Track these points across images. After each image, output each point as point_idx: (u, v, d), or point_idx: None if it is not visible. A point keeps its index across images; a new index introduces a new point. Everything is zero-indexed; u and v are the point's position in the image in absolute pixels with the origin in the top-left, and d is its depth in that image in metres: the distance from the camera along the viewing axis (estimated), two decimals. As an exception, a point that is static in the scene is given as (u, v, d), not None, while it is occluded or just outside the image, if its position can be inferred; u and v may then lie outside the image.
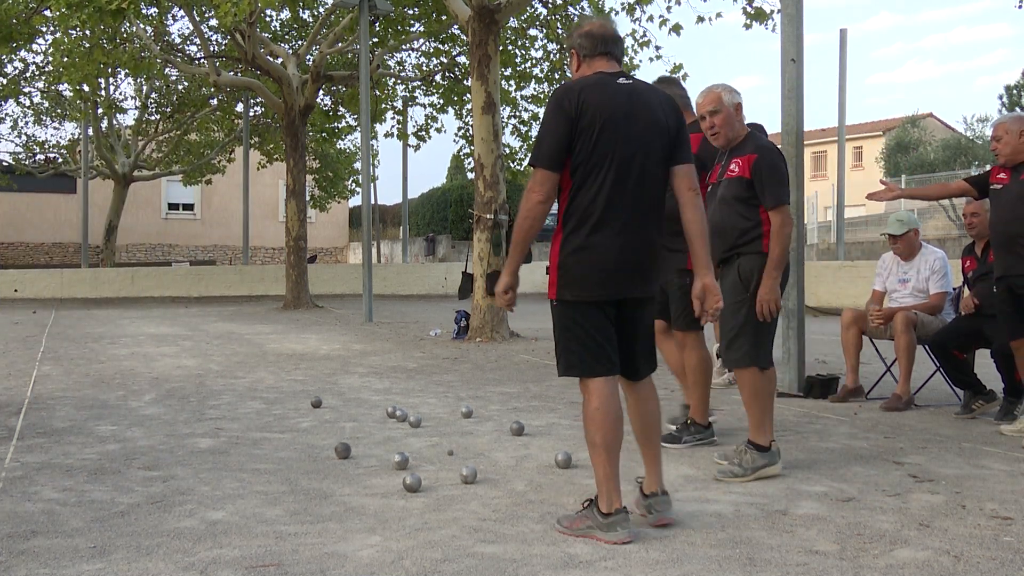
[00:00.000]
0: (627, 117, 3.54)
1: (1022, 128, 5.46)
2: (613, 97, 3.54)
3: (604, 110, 3.50)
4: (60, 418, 6.21)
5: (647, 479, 3.66)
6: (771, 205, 4.55)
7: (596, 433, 3.50)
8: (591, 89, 3.54)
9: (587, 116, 3.48)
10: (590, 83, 3.57)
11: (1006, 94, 38.41)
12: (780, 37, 7.39)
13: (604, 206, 3.50)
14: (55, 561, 3.26)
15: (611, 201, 3.50)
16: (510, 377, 8.32)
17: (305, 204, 20.00)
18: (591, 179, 3.50)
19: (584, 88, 3.54)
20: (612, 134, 3.50)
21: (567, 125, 3.49)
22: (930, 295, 6.66)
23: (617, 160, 3.50)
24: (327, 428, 5.81)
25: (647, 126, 3.57)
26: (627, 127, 3.53)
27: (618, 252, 3.51)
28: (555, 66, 18.68)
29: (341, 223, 42.39)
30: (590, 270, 3.51)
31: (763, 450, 4.46)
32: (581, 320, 3.54)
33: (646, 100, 3.61)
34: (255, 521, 3.74)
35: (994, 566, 3.17)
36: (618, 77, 3.62)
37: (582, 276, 3.52)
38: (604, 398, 3.51)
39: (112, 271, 24.53)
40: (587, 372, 3.54)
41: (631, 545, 3.39)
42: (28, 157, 32.24)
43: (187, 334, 13.16)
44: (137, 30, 19.27)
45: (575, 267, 3.52)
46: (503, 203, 12.20)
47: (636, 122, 3.54)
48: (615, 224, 3.51)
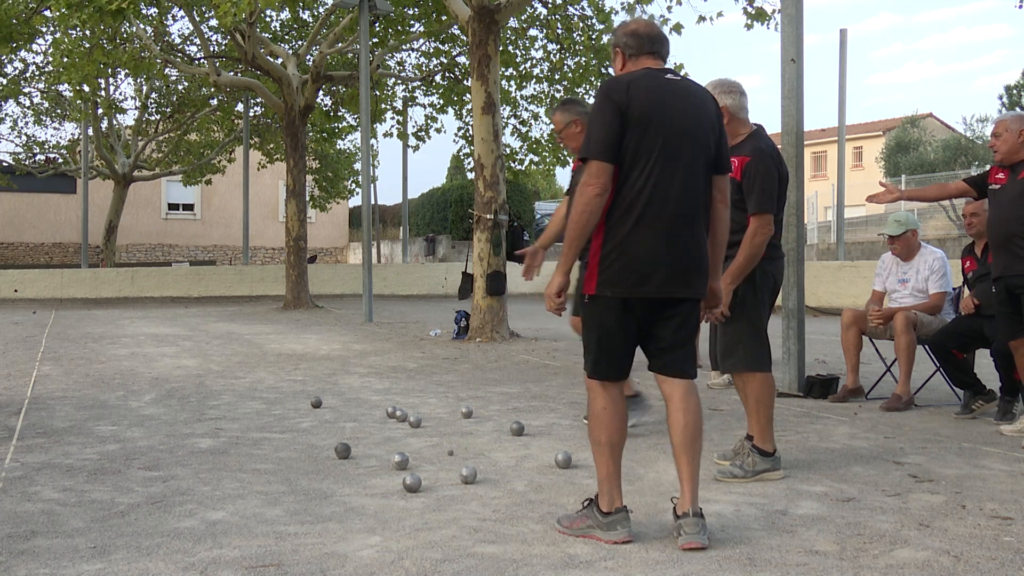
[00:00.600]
0: (675, 112, 3.46)
1: (1022, 128, 5.45)
2: (661, 91, 3.48)
3: (652, 104, 3.43)
4: (60, 418, 6.21)
5: (680, 498, 3.47)
6: (751, 211, 4.47)
7: (601, 432, 3.48)
8: (639, 82, 3.47)
9: (635, 108, 3.40)
10: (638, 76, 3.50)
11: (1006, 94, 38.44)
12: (780, 37, 7.40)
13: (648, 201, 3.41)
14: (55, 561, 3.26)
15: (656, 196, 3.41)
16: (510, 377, 8.32)
17: (305, 204, 20.00)
18: (636, 173, 3.42)
19: (632, 81, 3.48)
20: (660, 128, 3.42)
21: (617, 116, 3.40)
22: (929, 295, 6.66)
23: (664, 155, 3.42)
24: (327, 428, 5.81)
25: (695, 123, 3.51)
26: (675, 122, 3.45)
27: (662, 249, 3.41)
28: (555, 66, 18.68)
29: (341, 223, 42.39)
30: (632, 266, 3.41)
31: (767, 455, 4.45)
32: (607, 320, 3.48)
33: (696, 98, 3.56)
34: (255, 521, 3.74)
35: (994, 566, 3.17)
36: (666, 73, 3.56)
37: (622, 272, 3.42)
38: (611, 398, 3.50)
39: (112, 271, 24.52)
40: (599, 375, 3.52)
41: (631, 545, 3.39)
42: (28, 157, 32.24)
43: (187, 334, 13.16)
44: (137, 30, 19.27)
45: (616, 262, 3.42)
46: (503, 203, 12.20)
47: (684, 118, 3.48)
48: (660, 220, 3.42)
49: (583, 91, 18.82)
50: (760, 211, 4.47)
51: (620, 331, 3.48)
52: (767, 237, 4.49)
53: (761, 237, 4.46)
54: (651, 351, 3.57)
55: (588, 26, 17.01)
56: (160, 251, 38.90)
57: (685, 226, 3.46)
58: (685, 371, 3.55)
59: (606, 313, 3.48)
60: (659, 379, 3.59)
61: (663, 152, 3.42)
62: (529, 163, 21.68)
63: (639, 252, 3.41)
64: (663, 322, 3.52)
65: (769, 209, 4.51)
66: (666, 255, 3.42)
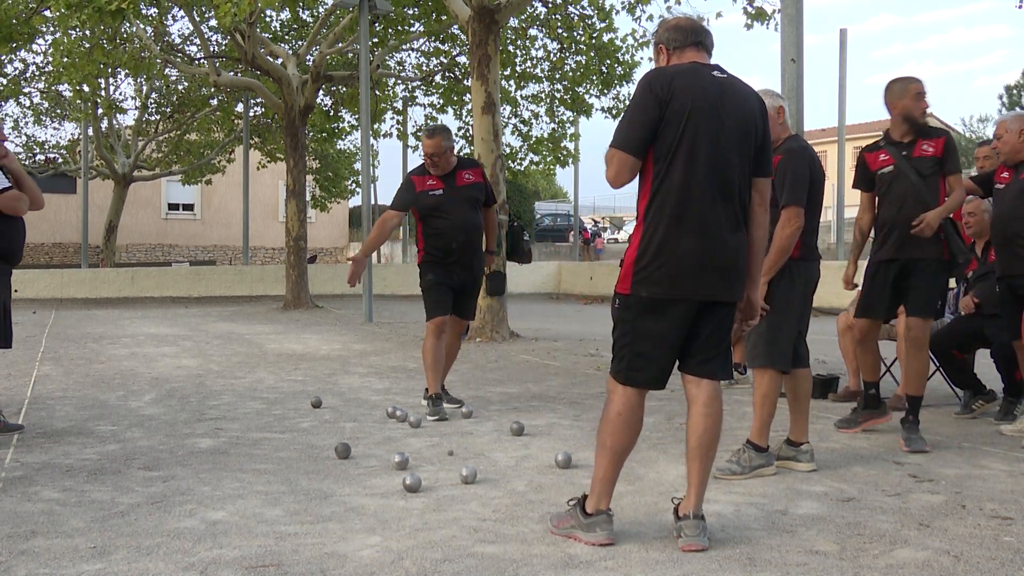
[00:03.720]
0: (719, 111, 3.34)
1: (1022, 127, 5.46)
2: (707, 88, 3.34)
3: (696, 100, 3.29)
4: (60, 418, 6.21)
5: (685, 499, 3.45)
6: (781, 203, 4.51)
7: (608, 437, 3.42)
8: (684, 76, 3.34)
9: (677, 102, 3.28)
10: (683, 70, 3.37)
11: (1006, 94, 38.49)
12: (780, 37, 7.41)
13: (687, 200, 3.30)
14: (55, 561, 3.26)
15: (695, 196, 3.30)
16: (510, 377, 8.32)
17: (305, 204, 19.99)
18: (675, 171, 3.30)
19: (677, 74, 3.34)
20: (702, 126, 3.29)
21: (656, 109, 3.28)
22: None
23: (705, 154, 3.30)
24: (327, 428, 5.81)
25: (739, 123, 3.39)
26: (718, 121, 3.33)
27: (700, 250, 3.32)
28: (556, 65, 18.68)
29: (341, 223, 42.39)
30: (669, 266, 3.31)
31: (761, 451, 4.48)
32: (638, 322, 3.38)
33: (742, 98, 3.43)
34: (255, 521, 3.74)
35: (994, 566, 3.17)
36: (713, 69, 3.43)
37: (659, 272, 3.32)
38: (629, 407, 3.41)
39: (112, 271, 24.50)
40: (625, 380, 3.42)
41: (631, 545, 3.39)
42: (28, 157, 32.22)
43: (187, 334, 13.16)
44: (137, 30, 19.26)
45: (652, 262, 3.33)
46: (503, 203, 12.18)
47: (728, 117, 3.35)
48: (698, 221, 3.31)
49: (584, 90, 18.83)
50: (788, 203, 4.51)
51: (653, 334, 3.38)
52: (796, 230, 4.51)
53: (790, 229, 4.49)
54: (684, 352, 3.47)
55: (589, 25, 17.00)
56: (160, 251, 38.90)
57: (724, 227, 3.36)
58: (716, 373, 3.47)
59: (639, 314, 3.38)
60: (686, 379, 3.51)
61: (704, 151, 3.30)
62: (529, 163, 21.68)
63: (677, 253, 3.31)
64: (699, 325, 3.42)
65: (797, 202, 4.53)
66: (704, 256, 3.32)
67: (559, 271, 25.55)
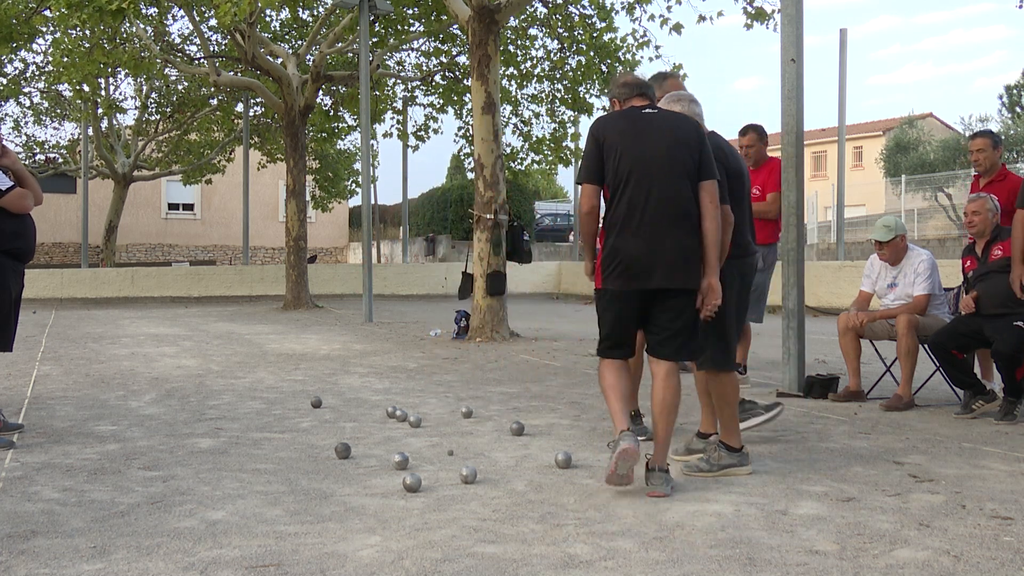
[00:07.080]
0: (644, 140, 4.23)
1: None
2: (633, 124, 4.27)
3: (623, 136, 4.24)
4: (60, 418, 6.21)
5: (653, 455, 4.19)
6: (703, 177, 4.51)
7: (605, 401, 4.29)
8: (615, 120, 4.33)
9: (609, 141, 4.25)
10: (616, 115, 4.36)
11: (1006, 94, 38.45)
12: (780, 37, 7.39)
13: (627, 214, 4.20)
14: (55, 561, 3.26)
15: (633, 210, 4.19)
16: (510, 377, 8.32)
17: (305, 204, 19.99)
18: (618, 193, 4.24)
19: (610, 118, 4.35)
20: (630, 155, 4.21)
21: (596, 147, 4.28)
22: (913, 296, 6.63)
23: (636, 176, 4.19)
24: (327, 428, 5.81)
25: (667, 146, 4.22)
26: (643, 148, 4.22)
27: (639, 251, 4.17)
28: (555, 65, 18.67)
29: (341, 223, 42.38)
30: (616, 265, 4.22)
31: (733, 451, 4.49)
32: (608, 308, 4.30)
33: (666, 125, 4.29)
34: (255, 521, 3.74)
35: (994, 566, 3.17)
36: (645, 108, 4.35)
37: (611, 270, 4.24)
38: (613, 378, 4.26)
39: (112, 271, 24.48)
40: (603, 354, 4.34)
41: (631, 545, 3.39)
42: (28, 157, 32.21)
43: (187, 334, 13.16)
44: (137, 30, 19.25)
45: (606, 262, 4.26)
46: (503, 203, 12.19)
47: (653, 143, 4.22)
48: (636, 228, 4.19)
49: (584, 90, 18.82)
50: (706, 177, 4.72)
51: (620, 318, 4.28)
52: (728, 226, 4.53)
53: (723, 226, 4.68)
54: (649, 335, 4.33)
55: (589, 24, 16.99)
56: (160, 251, 38.89)
57: (666, 229, 4.18)
58: (669, 356, 4.27)
59: (609, 303, 4.30)
60: (649, 359, 4.35)
61: (635, 173, 4.20)
62: (529, 163, 21.67)
63: (626, 254, 4.20)
64: (659, 312, 4.26)
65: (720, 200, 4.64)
66: (648, 255, 4.17)
67: (559, 271, 25.57)
